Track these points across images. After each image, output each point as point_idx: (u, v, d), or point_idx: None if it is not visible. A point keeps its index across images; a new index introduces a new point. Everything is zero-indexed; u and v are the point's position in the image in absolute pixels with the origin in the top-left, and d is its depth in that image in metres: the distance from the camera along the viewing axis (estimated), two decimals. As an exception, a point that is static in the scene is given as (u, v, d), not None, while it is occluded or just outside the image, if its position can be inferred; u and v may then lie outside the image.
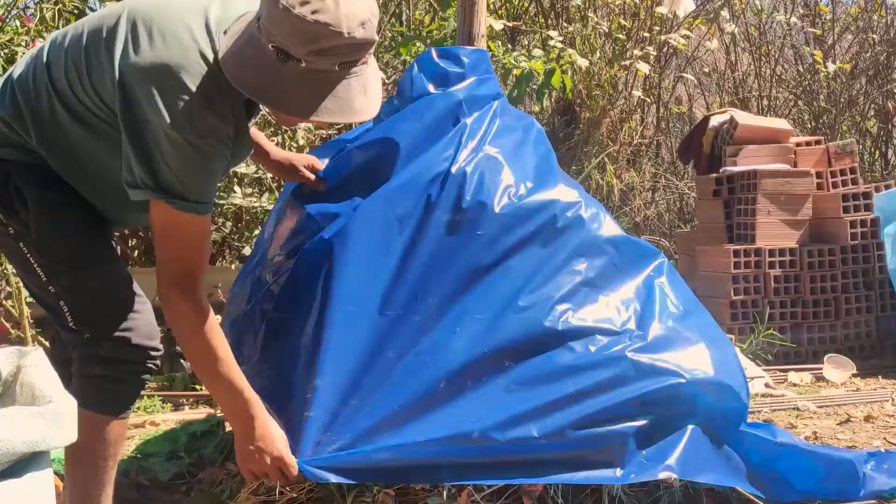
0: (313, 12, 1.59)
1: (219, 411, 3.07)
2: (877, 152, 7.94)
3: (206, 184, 1.77)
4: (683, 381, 2.06)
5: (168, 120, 1.68)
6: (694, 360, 2.13)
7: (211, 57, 1.73)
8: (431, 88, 2.30)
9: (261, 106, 1.88)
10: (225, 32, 1.75)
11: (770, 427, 2.41)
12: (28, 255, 1.87)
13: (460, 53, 2.37)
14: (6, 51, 4.13)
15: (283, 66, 1.63)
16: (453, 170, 2.17)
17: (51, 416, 1.14)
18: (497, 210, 2.14)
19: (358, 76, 1.68)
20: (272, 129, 4.38)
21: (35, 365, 1.27)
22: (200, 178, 1.75)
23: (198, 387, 3.70)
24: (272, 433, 1.88)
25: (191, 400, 3.63)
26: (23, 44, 4.06)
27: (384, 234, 2.10)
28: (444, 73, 2.33)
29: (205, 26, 1.76)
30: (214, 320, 1.85)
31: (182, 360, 3.84)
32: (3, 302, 3.72)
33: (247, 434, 1.88)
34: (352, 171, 2.28)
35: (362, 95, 1.70)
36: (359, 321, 2.01)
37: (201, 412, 3.36)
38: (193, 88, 1.69)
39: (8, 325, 3.64)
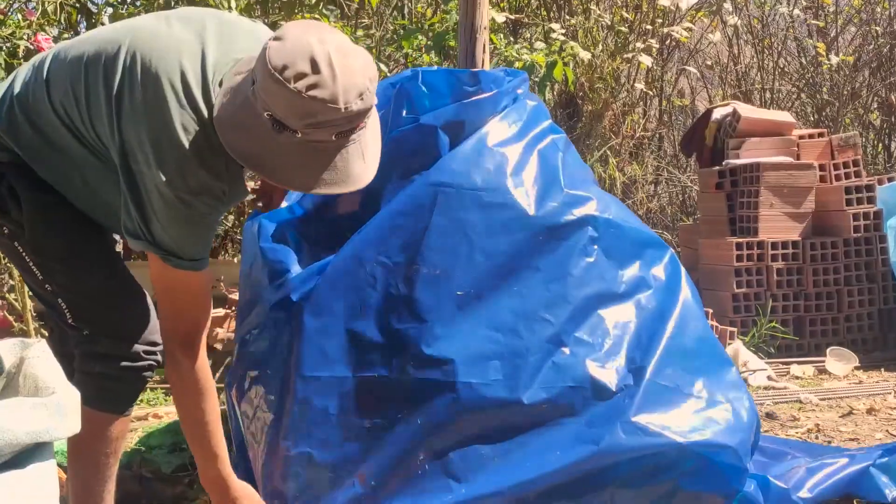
0: (309, 88, 1.51)
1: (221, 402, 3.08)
2: (880, 145, 7.93)
3: (199, 241, 1.72)
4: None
5: (161, 176, 1.63)
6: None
7: (205, 112, 1.67)
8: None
9: None
10: (220, 84, 1.68)
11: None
12: (24, 254, 1.85)
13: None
14: (8, 44, 4.12)
15: (279, 136, 1.57)
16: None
17: (54, 407, 1.14)
18: None
19: (356, 143, 1.62)
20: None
21: (38, 356, 1.27)
22: (193, 236, 1.70)
23: (200, 380, 3.70)
24: (244, 495, 1.90)
25: (194, 393, 3.64)
26: (24, 37, 4.06)
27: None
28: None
29: (201, 71, 1.69)
30: (211, 384, 1.83)
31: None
32: (6, 295, 3.72)
33: (223, 499, 1.90)
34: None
35: (360, 161, 1.63)
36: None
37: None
38: (187, 145, 1.63)
39: (11, 318, 3.64)
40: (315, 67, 1.52)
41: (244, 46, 1.75)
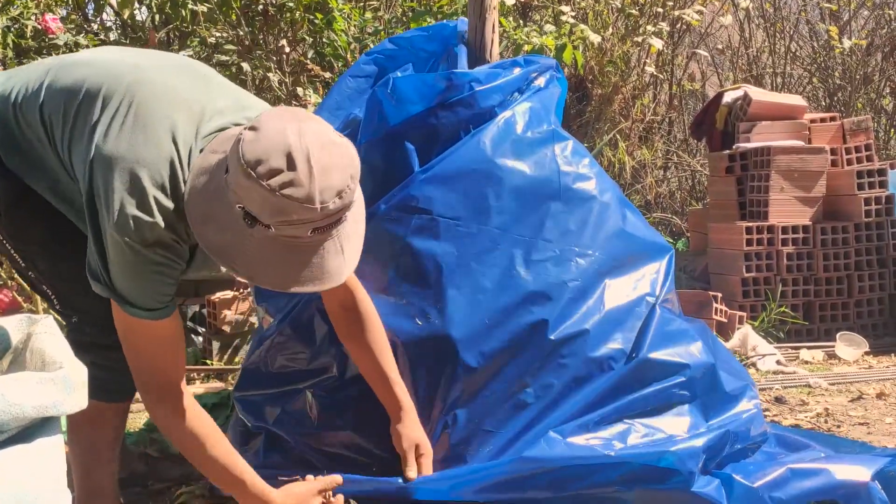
0: (283, 186, 1.42)
1: (229, 385, 3.08)
2: (892, 130, 7.86)
3: (152, 292, 1.62)
4: None
5: (114, 218, 1.55)
6: None
7: (180, 174, 1.60)
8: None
9: None
10: (202, 150, 1.62)
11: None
12: (4, 242, 1.81)
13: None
14: (17, 25, 4.12)
15: (252, 230, 1.48)
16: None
17: (61, 381, 1.14)
18: None
19: (334, 238, 1.52)
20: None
21: (45, 332, 1.27)
22: (145, 286, 1.61)
23: (209, 361, 3.71)
24: (287, 499, 1.80)
25: (202, 374, 3.65)
26: (32, 17, 4.05)
27: None
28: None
29: (193, 134, 1.63)
30: (206, 427, 1.73)
31: (192, 336, 3.86)
32: (15, 276, 3.73)
33: None
34: None
35: (338, 256, 1.53)
36: None
37: (213, 385, 3.37)
38: (151, 197, 1.56)
39: (20, 299, 3.65)
40: (291, 164, 1.43)
41: (232, 119, 1.69)
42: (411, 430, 1.93)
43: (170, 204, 1.59)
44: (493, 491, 1.87)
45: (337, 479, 1.85)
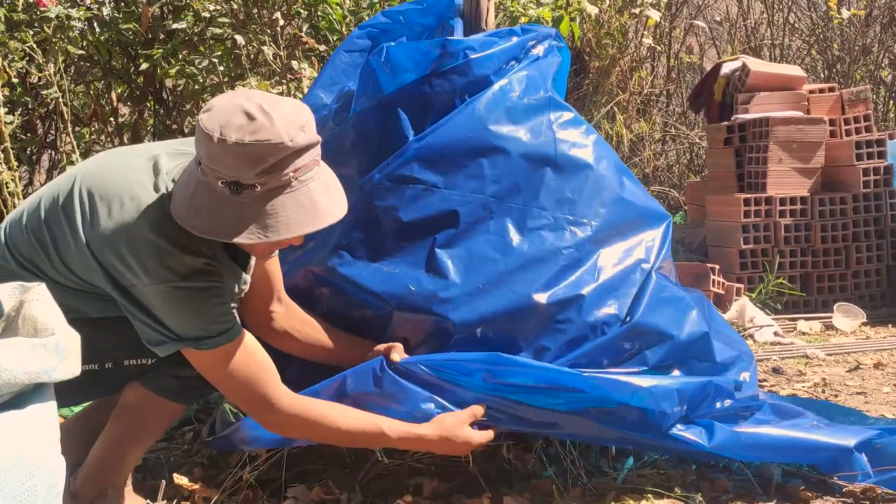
0: (251, 133, 1.54)
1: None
2: (891, 101, 7.83)
3: (217, 315, 1.70)
4: None
5: (147, 278, 1.64)
6: None
7: (168, 205, 1.67)
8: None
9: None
10: (174, 181, 1.71)
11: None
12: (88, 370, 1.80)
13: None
14: (8, 1, 4.08)
15: (240, 198, 1.57)
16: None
17: (53, 347, 1.13)
18: None
19: (315, 180, 1.62)
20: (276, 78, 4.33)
21: (38, 299, 1.25)
22: (206, 314, 1.69)
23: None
24: (439, 430, 1.87)
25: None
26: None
27: None
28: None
29: (154, 177, 1.71)
30: (305, 402, 1.80)
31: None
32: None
33: (430, 445, 1.89)
34: None
35: (326, 196, 1.64)
36: None
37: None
38: (159, 240, 1.64)
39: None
40: (250, 117, 1.55)
41: (188, 150, 1.75)
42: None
43: (174, 231, 1.65)
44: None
45: (479, 409, 1.90)
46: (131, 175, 1.73)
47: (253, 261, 1.89)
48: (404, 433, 1.85)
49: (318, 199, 1.62)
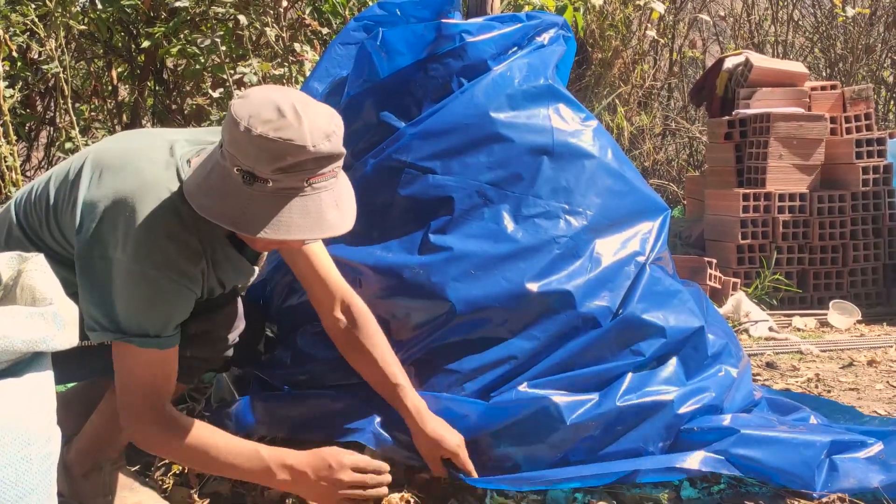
0: (276, 130, 1.53)
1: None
2: (892, 102, 7.83)
3: (165, 318, 1.67)
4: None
5: (125, 251, 1.62)
6: None
7: (175, 187, 1.67)
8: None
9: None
10: (188, 163, 1.70)
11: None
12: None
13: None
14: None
15: (251, 189, 1.56)
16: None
17: (51, 316, 1.13)
18: None
19: (328, 190, 1.60)
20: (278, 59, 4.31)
21: (36, 269, 1.25)
22: (160, 312, 1.66)
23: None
24: (316, 461, 1.75)
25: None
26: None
27: None
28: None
29: (169, 157, 1.70)
30: (182, 420, 1.72)
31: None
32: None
33: (304, 484, 1.75)
34: None
35: (334, 209, 1.61)
36: None
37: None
38: (152, 219, 1.63)
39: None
40: (281, 114, 1.55)
41: (211, 139, 1.76)
42: (428, 431, 1.89)
43: (174, 219, 1.64)
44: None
45: (384, 467, 1.79)
46: (146, 152, 1.72)
47: (264, 255, 1.88)
48: (276, 459, 1.73)
49: (326, 209, 1.59)
